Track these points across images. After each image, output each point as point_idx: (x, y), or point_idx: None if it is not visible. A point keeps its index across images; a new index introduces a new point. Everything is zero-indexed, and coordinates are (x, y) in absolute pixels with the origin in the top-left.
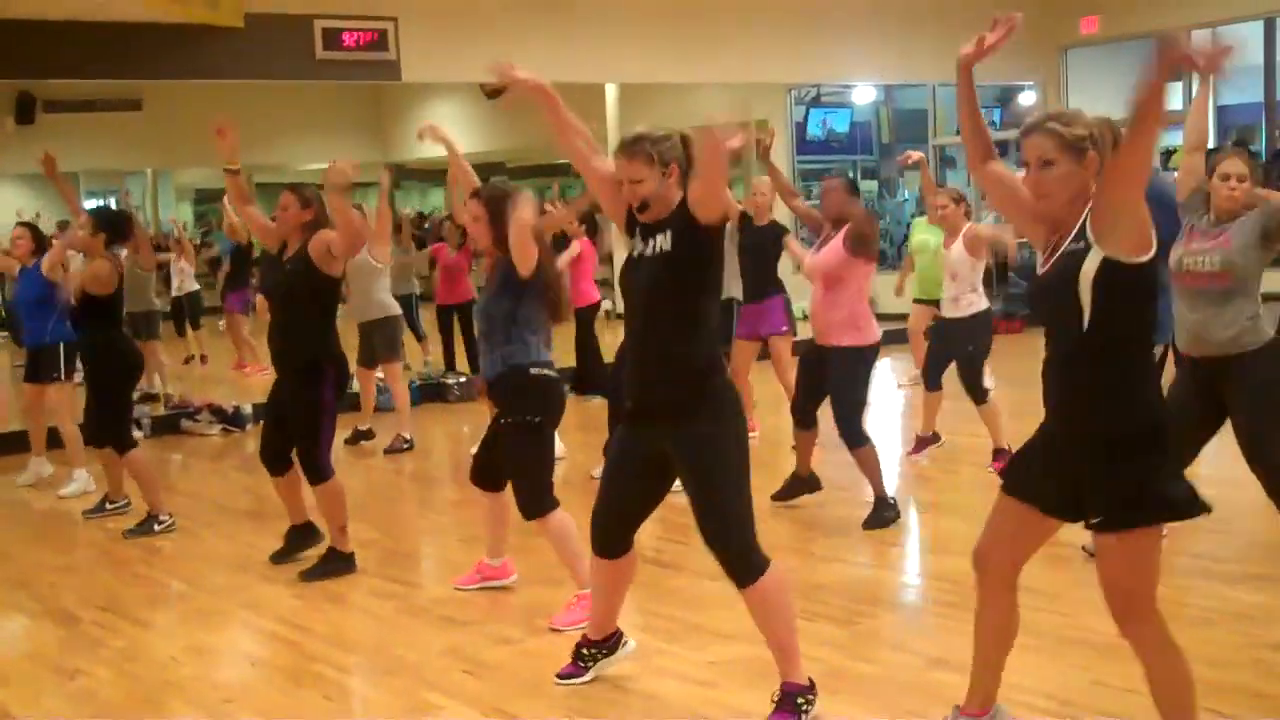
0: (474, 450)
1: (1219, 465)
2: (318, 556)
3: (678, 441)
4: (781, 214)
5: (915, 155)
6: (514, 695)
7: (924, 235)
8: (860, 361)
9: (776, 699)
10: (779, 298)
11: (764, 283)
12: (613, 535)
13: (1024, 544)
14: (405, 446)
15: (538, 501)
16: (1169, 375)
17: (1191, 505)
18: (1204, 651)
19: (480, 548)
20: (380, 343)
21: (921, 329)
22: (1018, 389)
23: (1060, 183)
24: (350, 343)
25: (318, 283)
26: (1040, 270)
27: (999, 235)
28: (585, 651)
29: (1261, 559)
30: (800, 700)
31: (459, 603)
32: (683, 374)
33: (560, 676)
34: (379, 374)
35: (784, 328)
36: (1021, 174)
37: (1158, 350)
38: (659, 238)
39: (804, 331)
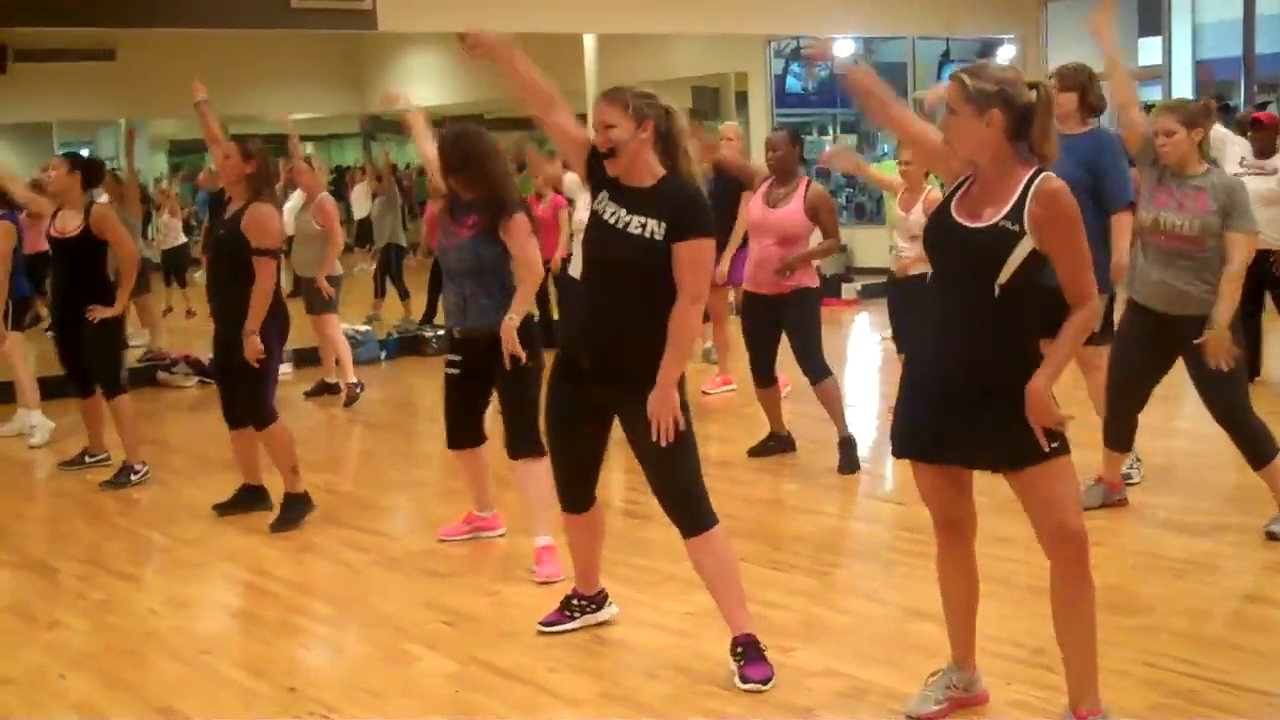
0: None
1: (1192, 419)
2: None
3: (633, 402)
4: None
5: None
6: (492, 645)
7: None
8: (816, 301)
9: (741, 653)
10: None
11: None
12: (577, 490)
13: (958, 499)
14: (358, 393)
15: (529, 441)
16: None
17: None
18: (1178, 603)
19: (459, 500)
20: (318, 297)
21: None
22: None
23: (957, 131)
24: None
25: (251, 251)
26: (969, 222)
27: None
28: (574, 603)
29: (1233, 510)
30: (764, 646)
31: (436, 554)
32: (653, 349)
33: (544, 624)
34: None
35: None
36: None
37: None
38: (650, 223)
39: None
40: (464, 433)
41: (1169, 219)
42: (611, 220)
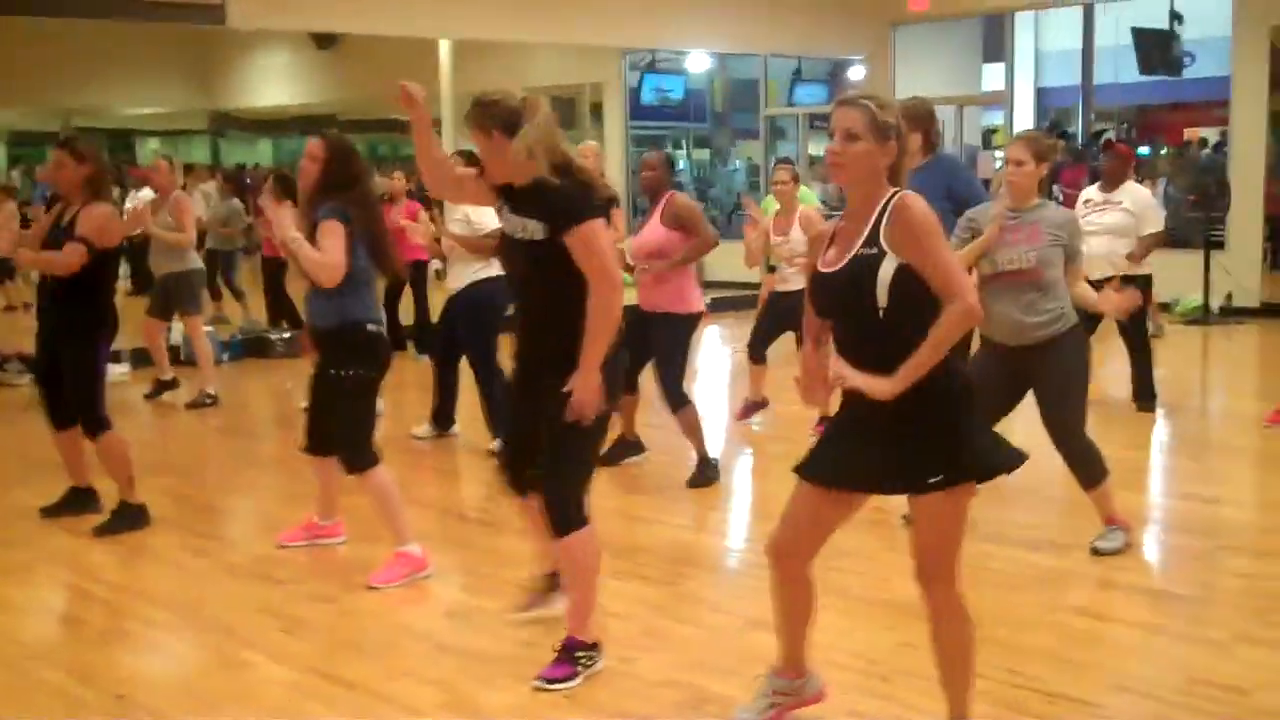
0: (303, 406)
1: (1024, 436)
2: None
3: (551, 394)
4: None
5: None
6: (332, 654)
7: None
8: (684, 328)
9: (557, 650)
10: None
11: None
12: (519, 473)
13: (822, 532)
14: (208, 402)
15: (362, 455)
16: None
17: (998, 466)
18: (1006, 615)
19: (301, 504)
20: (183, 296)
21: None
22: None
23: (858, 158)
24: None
25: (92, 257)
26: (827, 269)
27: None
28: (579, 654)
29: (1062, 526)
30: (580, 654)
31: (276, 560)
32: (557, 344)
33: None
34: (177, 327)
35: None
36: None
37: None
38: (530, 224)
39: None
40: (314, 437)
41: (1005, 259)
42: (510, 234)
